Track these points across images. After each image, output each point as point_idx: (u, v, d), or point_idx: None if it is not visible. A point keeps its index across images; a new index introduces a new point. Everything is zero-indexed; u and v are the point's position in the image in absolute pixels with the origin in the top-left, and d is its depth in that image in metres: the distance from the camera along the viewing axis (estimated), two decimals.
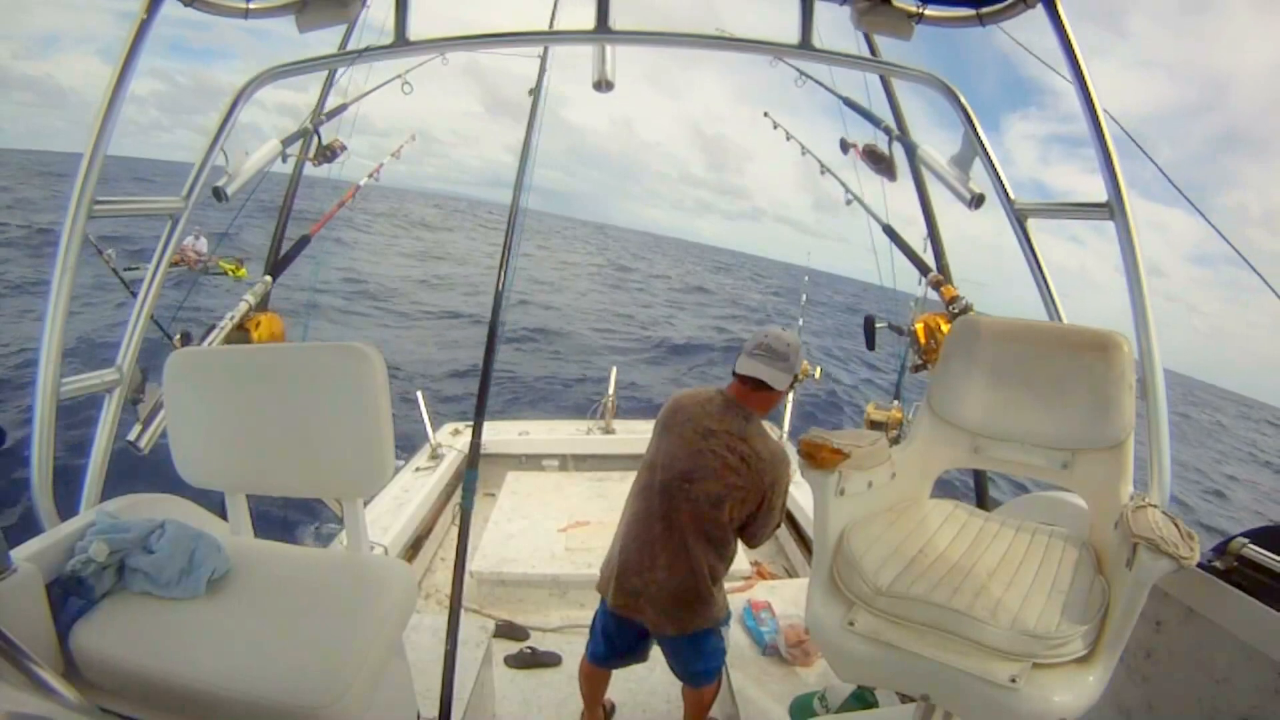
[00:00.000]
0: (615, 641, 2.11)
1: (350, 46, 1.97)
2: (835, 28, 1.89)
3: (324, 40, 1.83)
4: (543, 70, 2.40)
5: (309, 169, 2.65)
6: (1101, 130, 1.59)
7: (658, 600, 1.91)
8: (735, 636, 2.45)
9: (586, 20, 1.74)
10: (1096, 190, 1.64)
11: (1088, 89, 1.59)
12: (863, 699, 2.04)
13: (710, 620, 1.96)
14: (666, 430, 1.98)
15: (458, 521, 3.99)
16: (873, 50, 2.18)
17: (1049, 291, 1.82)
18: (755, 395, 1.94)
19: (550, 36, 1.90)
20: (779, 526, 2.08)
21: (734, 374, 1.95)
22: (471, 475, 1.84)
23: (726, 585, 2.68)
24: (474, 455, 1.98)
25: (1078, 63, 1.59)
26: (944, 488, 1.64)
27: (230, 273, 2.61)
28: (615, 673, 2.42)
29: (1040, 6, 1.62)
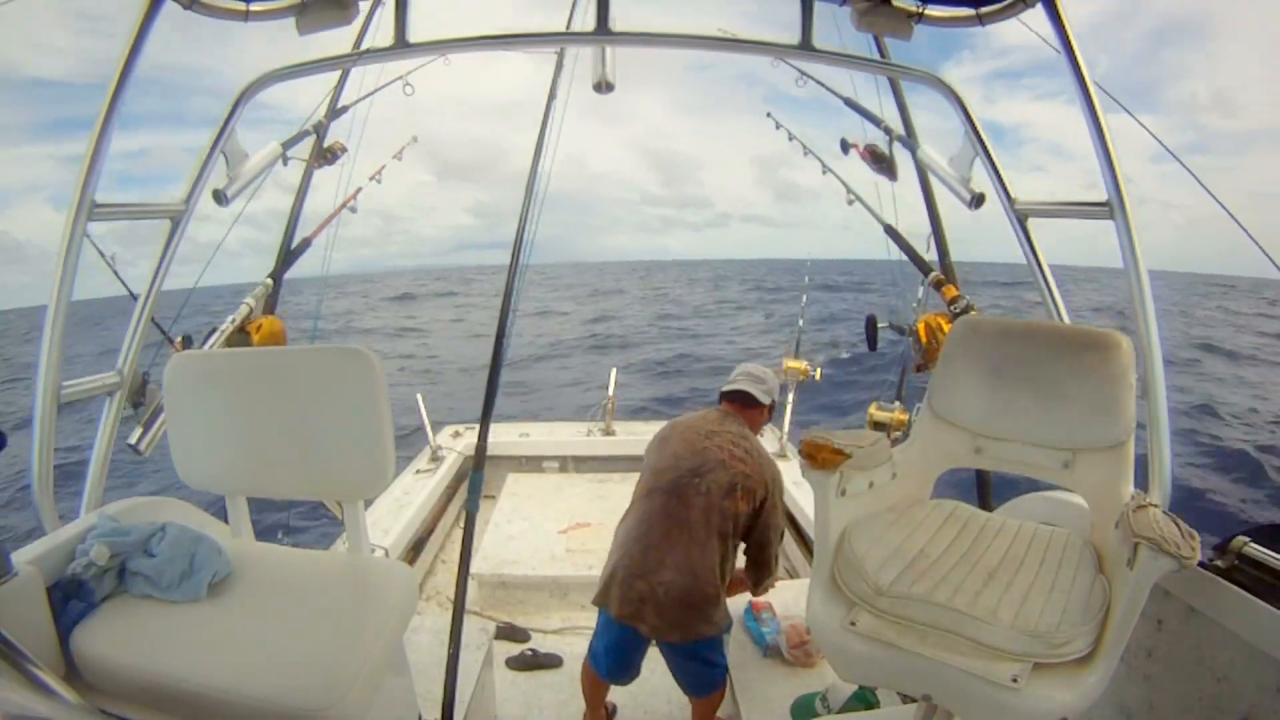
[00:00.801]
0: (616, 656, 2.11)
1: (352, 49, 1.97)
2: (835, 28, 1.89)
3: (320, 44, 1.82)
4: (558, 69, 2.33)
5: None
6: (1102, 130, 1.59)
7: (664, 604, 1.89)
8: (737, 637, 2.45)
9: (586, 22, 1.75)
10: (1044, 118, 1.64)
11: (1088, 89, 1.59)
12: (865, 699, 2.03)
13: (715, 627, 1.95)
14: (666, 441, 2.06)
15: (460, 523, 4.00)
16: (881, 51, 2.18)
17: (1050, 291, 1.82)
18: (744, 411, 2.10)
19: (550, 38, 1.90)
20: (782, 538, 2.11)
21: (721, 396, 2.12)
22: (477, 477, 1.83)
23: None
24: (479, 458, 1.97)
25: (1078, 63, 1.59)
26: (945, 488, 1.64)
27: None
28: None
29: (1040, 6, 1.62)
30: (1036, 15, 1.63)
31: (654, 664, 2.82)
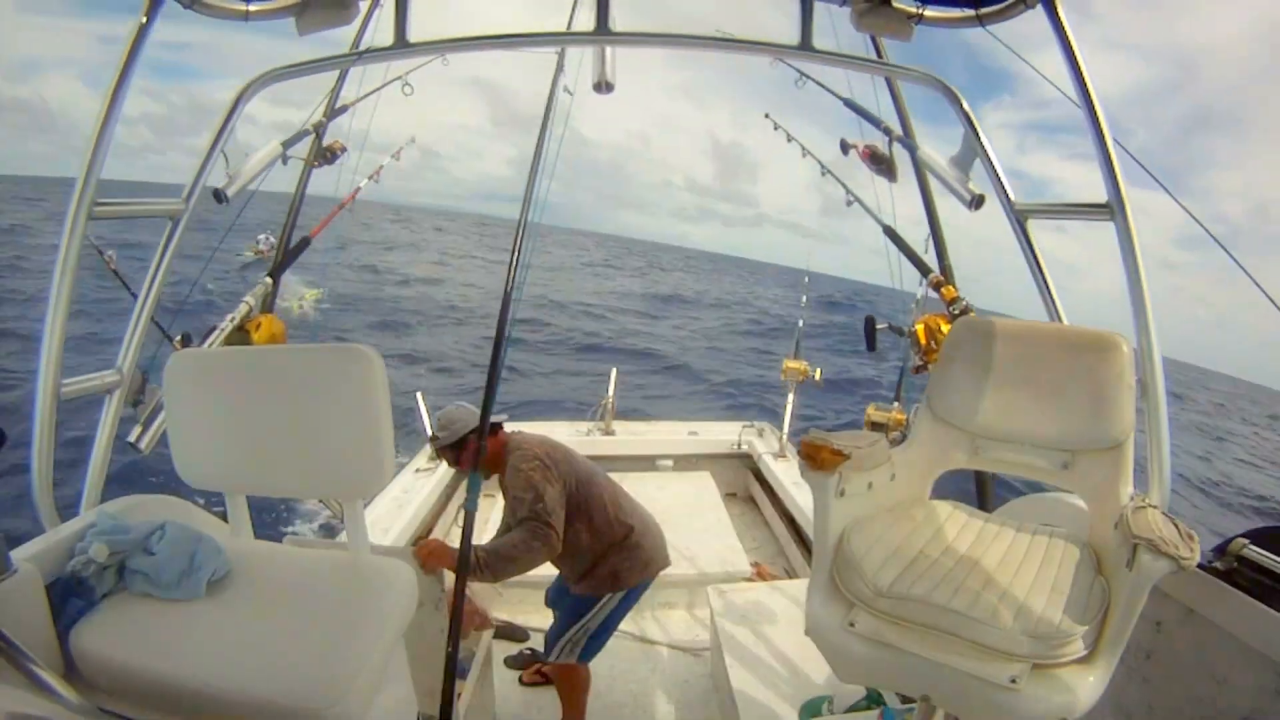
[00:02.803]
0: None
1: (352, 49, 1.97)
2: (836, 28, 1.89)
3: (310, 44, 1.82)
4: (559, 70, 2.33)
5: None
6: (1101, 131, 1.59)
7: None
8: (737, 634, 2.45)
9: (587, 22, 1.75)
10: (1076, 177, 1.64)
11: (1088, 90, 1.59)
12: (877, 702, 2.03)
13: None
14: (560, 448, 2.31)
15: (459, 522, 3.99)
16: (879, 51, 2.18)
17: (1049, 292, 1.82)
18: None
19: (550, 38, 1.90)
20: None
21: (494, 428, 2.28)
22: (475, 477, 1.83)
23: (726, 586, 2.75)
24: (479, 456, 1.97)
25: (1077, 63, 1.59)
26: (944, 488, 1.64)
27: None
28: (616, 673, 2.43)
29: (1040, 7, 1.62)
30: (1036, 16, 1.64)
31: (654, 664, 2.83)
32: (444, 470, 4.00)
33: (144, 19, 1.51)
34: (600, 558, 2.22)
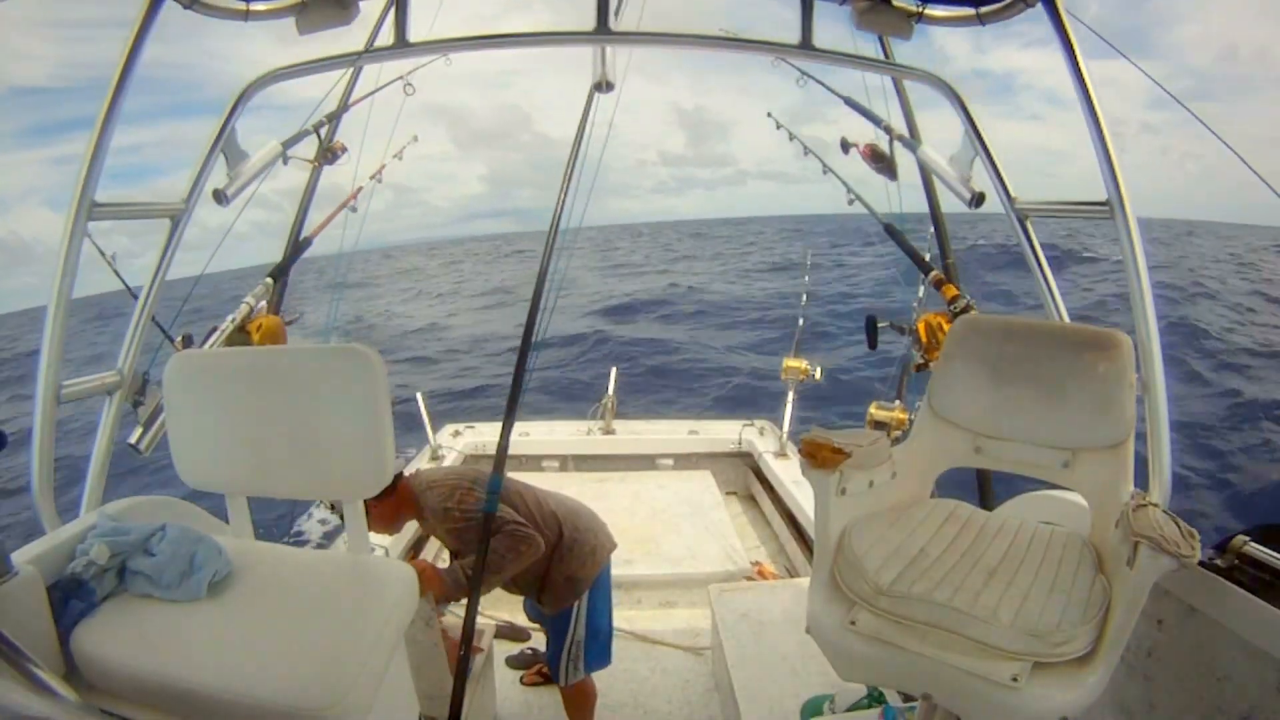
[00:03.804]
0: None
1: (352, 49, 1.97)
2: (836, 27, 1.89)
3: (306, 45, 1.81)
4: (599, 64, 2.13)
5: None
6: (1101, 130, 1.59)
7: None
8: (738, 633, 2.45)
9: (587, 21, 1.74)
10: (1036, 64, 1.64)
11: (1087, 89, 1.59)
12: (878, 700, 2.03)
13: None
14: (480, 476, 2.08)
15: None
16: (885, 51, 2.18)
17: (1051, 290, 1.82)
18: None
19: (550, 37, 1.90)
20: None
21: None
22: (496, 480, 1.77)
23: (726, 585, 2.75)
24: (500, 459, 1.88)
25: (1077, 62, 1.59)
26: (945, 487, 1.64)
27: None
28: (616, 673, 2.42)
29: (1040, 6, 1.62)
30: (1036, 15, 1.64)
31: (654, 663, 2.83)
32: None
33: (144, 17, 1.51)
34: (548, 568, 2.12)
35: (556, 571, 2.12)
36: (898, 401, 2.54)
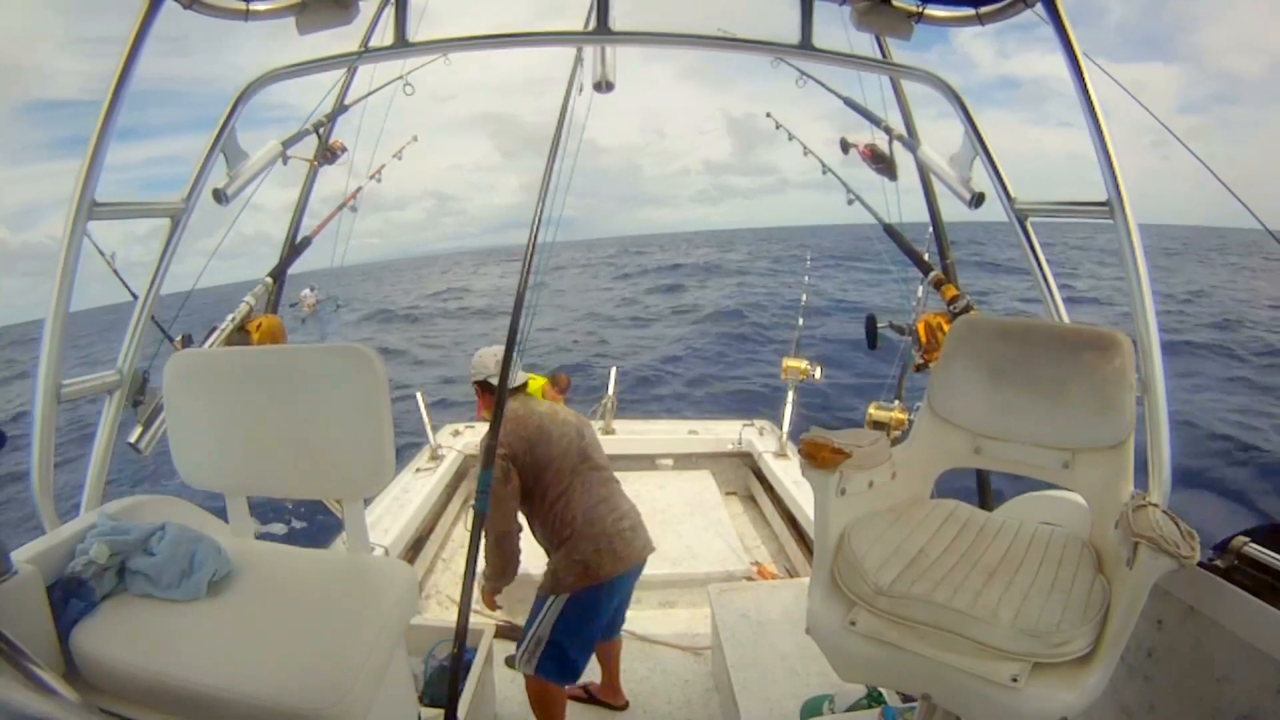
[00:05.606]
0: (619, 609, 2.39)
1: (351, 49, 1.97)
2: (836, 27, 1.89)
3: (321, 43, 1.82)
4: (576, 66, 2.23)
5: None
6: (1101, 130, 1.59)
7: (640, 527, 2.29)
8: (737, 633, 2.45)
9: (587, 21, 1.74)
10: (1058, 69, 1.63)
11: (1087, 88, 1.59)
12: (877, 700, 2.03)
13: None
14: (543, 433, 2.26)
15: (460, 522, 3.99)
16: (883, 51, 2.17)
17: (1050, 290, 1.82)
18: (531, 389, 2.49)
19: (550, 37, 1.90)
20: None
21: (513, 390, 2.29)
22: (486, 477, 1.81)
23: (726, 585, 2.75)
24: (489, 456, 1.93)
25: (1077, 62, 1.59)
26: (945, 488, 1.64)
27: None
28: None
29: (1040, 6, 1.62)
30: (1037, 20, 1.64)
31: (654, 663, 2.83)
32: (444, 470, 4.00)
33: (144, 17, 1.51)
34: (546, 551, 2.30)
35: (550, 560, 2.27)
36: (897, 402, 2.54)
